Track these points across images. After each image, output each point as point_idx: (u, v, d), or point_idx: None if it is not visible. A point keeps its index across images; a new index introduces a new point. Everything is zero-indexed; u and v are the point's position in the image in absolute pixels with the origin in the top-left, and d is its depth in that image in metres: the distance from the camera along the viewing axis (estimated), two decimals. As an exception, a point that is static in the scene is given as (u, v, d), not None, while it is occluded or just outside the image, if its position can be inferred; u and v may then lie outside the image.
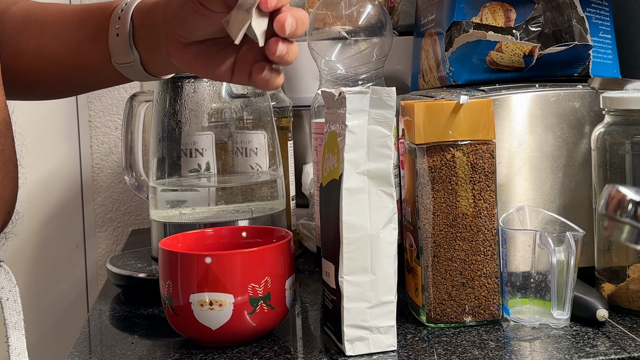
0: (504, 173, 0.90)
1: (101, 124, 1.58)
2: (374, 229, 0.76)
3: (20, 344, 0.64)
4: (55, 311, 1.55)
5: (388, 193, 0.76)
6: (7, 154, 0.61)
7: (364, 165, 0.75)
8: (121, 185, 1.58)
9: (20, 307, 0.65)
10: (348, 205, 0.75)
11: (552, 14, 1.01)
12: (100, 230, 1.58)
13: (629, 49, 1.11)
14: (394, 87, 0.77)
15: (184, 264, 0.78)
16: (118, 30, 0.80)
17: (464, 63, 1.01)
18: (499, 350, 0.76)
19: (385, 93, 0.75)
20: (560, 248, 0.80)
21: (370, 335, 0.76)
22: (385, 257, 0.76)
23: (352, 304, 0.76)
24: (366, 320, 0.76)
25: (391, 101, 0.76)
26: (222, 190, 1.01)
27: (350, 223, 0.75)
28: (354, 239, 0.75)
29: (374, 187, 0.76)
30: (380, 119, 0.76)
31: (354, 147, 0.75)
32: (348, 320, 0.76)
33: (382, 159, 0.76)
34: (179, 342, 0.83)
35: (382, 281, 0.76)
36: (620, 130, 0.84)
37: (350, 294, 0.76)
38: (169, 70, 0.83)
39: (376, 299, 0.76)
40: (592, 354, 0.73)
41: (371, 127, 0.76)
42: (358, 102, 0.75)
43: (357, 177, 0.75)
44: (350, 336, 0.76)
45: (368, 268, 0.76)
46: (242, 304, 0.78)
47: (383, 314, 0.76)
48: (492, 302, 0.82)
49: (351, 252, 0.75)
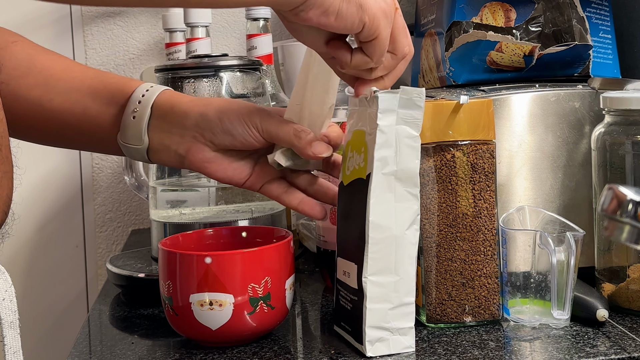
0: (504, 173, 0.90)
1: (101, 124, 1.58)
2: (399, 229, 0.75)
3: (16, 343, 0.65)
4: (55, 311, 1.55)
5: (413, 194, 0.76)
6: (4, 154, 0.62)
7: (392, 165, 0.75)
8: (121, 185, 1.58)
9: (16, 306, 0.65)
10: (375, 205, 0.75)
11: (552, 14, 1.01)
12: (100, 230, 1.58)
13: (629, 49, 1.11)
14: (424, 88, 0.76)
15: (184, 264, 0.78)
16: (135, 113, 0.82)
17: (464, 63, 1.01)
18: (499, 351, 0.76)
19: (415, 94, 0.75)
20: (560, 248, 0.79)
21: (390, 336, 0.76)
22: (408, 258, 0.76)
23: (375, 304, 0.75)
24: (387, 322, 0.75)
25: (420, 102, 0.75)
26: (222, 190, 1.01)
27: (376, 223, 0.75)
28: (379, 239, 0.75)
29: (400, 187, 0.75)
30: (409, 119, 0.75)
31: (384, 146, 0.75)
32: (370, 321, 0.75)
33: (410, 159, 0.76)
34: (179, 342, 0.83)
35: (405, 282, 0.76)
36: (621, 130, 0.84)
37: (374, 294, 0.75)
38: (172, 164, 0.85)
39: (398, 300, 0.76)
40: (592, 354, 0.73)
41: (399, 127, 0.75)
42: (389, 102, 0.75)
43: (384, 177, 0.75)
44: (372, 337, 0.75)
45: (392, 269, 0.75)
46: (242, 304, 0.78)
47: (403, 315, 0.76)
48: (492, 302, 0.82)
49: (376, 253, 0.75)
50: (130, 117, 0.82)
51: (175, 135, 0.81)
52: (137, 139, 0.82)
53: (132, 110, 0.82)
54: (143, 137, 0.82)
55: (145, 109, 0.82)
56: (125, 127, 0.83)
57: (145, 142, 0.82)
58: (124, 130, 0.83)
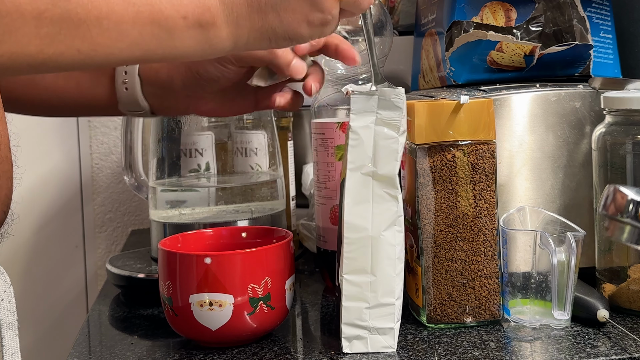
0: (505, 173, 0.90)
1: (101, 124, 1.58)
2: (375, 230, 0.75)
3: (14, 343, 0.65)
4: (55, 311, 1.55)
5: (392, 195, 0.76)
6: (4, 153, 0.62)
7: (369, 166, 0.75)
8: (121, 185, 1.58)
9: (15, 307, 0.65)
10: (350, 206, 0.75)
11: (552, 14, 1.00)
12: (99, 230, 1.58)
13: (629, 48, 1.11)
14: (403, 88, 0.76)
15: (184, 265, 0.78)
16: (126, 84, 0.84)
17: (464, 63, 1.01)
18: (499, 351, 0.76)
19: (394, 94, 0.75)
20: (561, 248, 0.79)
21: (368, 335, 0.76)
22: (387, 259, 0.75)
23: (350, 302, 0.76)
24: (364, 320, 0.76)
25: (399, 103, 0.75)
26: (222, 191, 1.01)
27: (351, 223, 0.75)
28: (354, 239, 0.75)
29: (378, 188, 0.75)
30: (388, 120, 0.75)
31: (358, 147, 0.75)
32: (346, 318, 0.76)
33: (388, 160, 0.75)
34: (178, 342, 0.83)
35: (382, 283, 0.76)
36: (621, 130, 0.84)
37: (349, 292, 0.76)
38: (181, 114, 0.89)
39: (375, 300, 0.76)
40: (592, 354, 0.73)
41: (378, 128, 0.75)
42: (364, 102, 0.75)
43: (360, 178, 0.75)
44: (348, 334, 0.76)
45: (368, 269, 0.75)
46: (242, 305, 0.78)
47: (382, 315, 0.76)
48: (492, 302, 0.82)
49: (351, 252, 0.75)
50: (123, 88, 0.83)
51: (171, 98, 0.84)
52: (136, 107, 0.84)
53: (122, 82, 0.83)
54: (142, 104, 0.84)
55: (134, 79, 0.83)
56: (121, 98, 0.84)
57: (146, 107, 0.85)
58: (121, 101, 0.84)
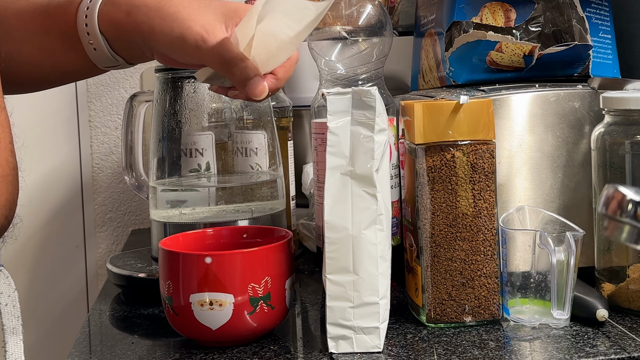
0: (504, 173, 0.90)
1: (101, 124, 1.58)
2: (355, 229, 0.75)
3: (18, 349, 0.64)
4: (56, 311, 1.55)
5: (371, 194, 0.76)
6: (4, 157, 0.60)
7: (346, 166, 0.76)
8: (121, 185, 1.58)
9: (19, 312, 0.65)
10: (330, 206, 0.75)
11: (552, 14, 1.01)
12: (100, 230, 1.58)
13: (629, 49, 1.11)
14: (376, 87, 0.77)
15: (184, 264, 0.78)
16: (93, 45, 0.83)
17: (464, 63, 1.01)
18: (499, 350, 0.76)
19: (366, 94, 0.76)
20: (560, 248, 0.80)
21: (354, 335, 0.76)
22: (369, 258, 0.76)
23: (334, 302, 0.76)
24: (348, 320, 0.76)
25: (372, 102, 0.76)
26: (222, 190, 1.01)
27: (331, 223, 0.75)
28: (335, 239, 0.75)
29: (357, 187, 0.76)
30: (362, 119, 0.76)
31: (336, 147, 0.76)
32: (330, 318, 0.76)
33: (365, 159, 0.76)
34: (179, 342, 0.83)
35: (365, 282, 0.76)
36: (620, 130, 0.84)
37: (333, 292, 0.76)
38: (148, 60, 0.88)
39: (359, 299, 0.76)
40: (592, 354, 0.73)
41: (354, 127, 0.76)
42: (339, 103, 0.76)
43: (339, 178, 0.76)
44: (333, 334, 0.76)
45: (350, 268, 0.76)
46: (242, 304, 0.78)
47: (367, 314, 0.76)
48: (492, 302, 0.82)
49: (333, 252, 0.76)
50: (91, 49, 0.83)
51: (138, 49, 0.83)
52: (111, 63, 0.85)
53: (88, 43, 0.83)
54: (116, 59, 0.84)
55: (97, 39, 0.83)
56: (94, 58, 0.84)
57: (121, 61, 0.85)
58: (95, 60, 0.85)
